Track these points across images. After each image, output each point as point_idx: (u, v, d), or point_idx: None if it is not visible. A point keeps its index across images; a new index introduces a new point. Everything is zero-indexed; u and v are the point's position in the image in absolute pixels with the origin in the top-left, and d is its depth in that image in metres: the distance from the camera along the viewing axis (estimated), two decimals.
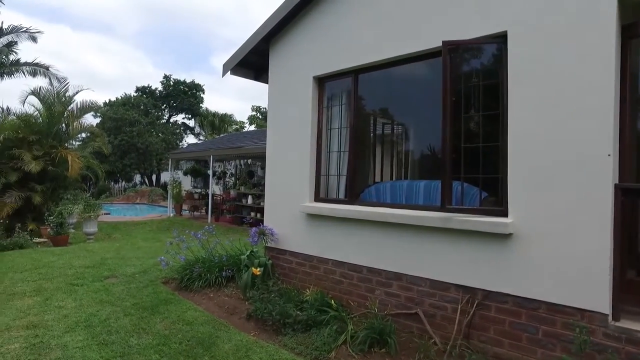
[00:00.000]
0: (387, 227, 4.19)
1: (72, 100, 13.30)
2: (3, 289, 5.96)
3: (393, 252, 4.15)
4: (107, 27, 71.61)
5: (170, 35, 72.17)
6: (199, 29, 73.66)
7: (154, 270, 6.87)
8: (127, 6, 71.28)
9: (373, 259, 4.34)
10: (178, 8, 71.11)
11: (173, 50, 73.77)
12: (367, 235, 4.41)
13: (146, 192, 26.04)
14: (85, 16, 70.13)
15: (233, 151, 14.50)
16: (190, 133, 38.82)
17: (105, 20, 70.47)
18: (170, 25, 71.22)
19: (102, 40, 71.13)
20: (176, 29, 72.13)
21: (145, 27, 70.60)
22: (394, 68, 4.52)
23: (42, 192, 11.67)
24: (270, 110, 5.93)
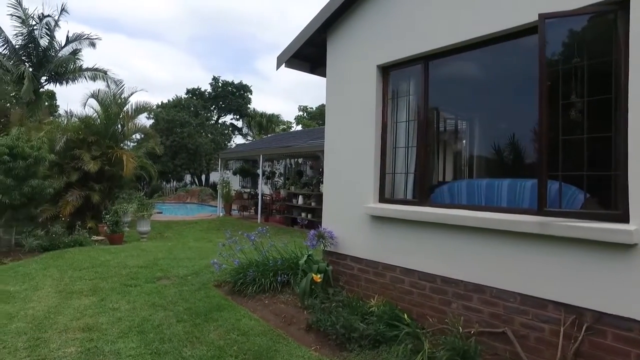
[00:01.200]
0: (466, 232, 3.67)
1: (127, 102, 13.63)
2: (63, 286, 5.98)
3: (473, 260, 3.61)
4: (159, 35, 74.67)
5: (217, 41, 74.14)
6: (243, 33, 75.11)
7: (206, 272, 6.69)
8: (178, 14, 73.80)
9: (449, 267, 3.82)
10: (224, 15, 73.02)
11: (220, 54, 75.68)
12: (441, 240, 3.90)
13: (196, 192, 26.56)
14: (139, 25, 73.46)
15: (283, 150, 14.29)
16: (238, 133, 39.41)
17: (157, 28, 73.58)
18: (217, 31, 73.19)
19: (154, 47, 74.19)
20: (222, 34, 73.98)
21: (194, 33, 72.88)
22: (472, 52, 3.97)
23: (100, 191, 11.97)
24: (329, 104, 5.53)
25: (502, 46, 3.77)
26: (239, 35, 74.65)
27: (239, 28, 75.17)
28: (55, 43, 19.30)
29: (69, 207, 11.12)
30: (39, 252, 8.42)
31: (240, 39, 74.72)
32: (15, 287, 6.02)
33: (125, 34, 71.55)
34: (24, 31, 18.43)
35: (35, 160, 8.56)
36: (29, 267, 7.06)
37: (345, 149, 5.17)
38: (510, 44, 3.68)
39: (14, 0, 17.85)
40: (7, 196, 8.25)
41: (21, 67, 18.03)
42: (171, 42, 73.55)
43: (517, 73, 4.25)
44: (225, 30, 73.68)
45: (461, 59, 4.18)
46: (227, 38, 74.26)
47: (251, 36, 75.86)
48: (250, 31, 75.65)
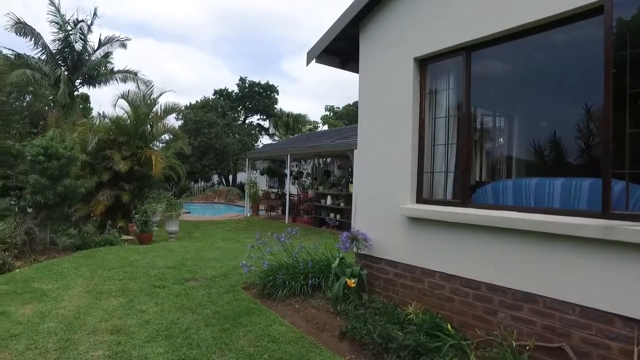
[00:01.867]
0: (514, 235, 3.37)
1: (157, 102, 13.78)
2: (93, 286, 5.97)
3: (523, 267, 3.31)
4: (187, 38, 76.11)
5: (243, 43, 74.97)
6: (269, 34, 75.58)
7: (234, 274, 6.57)
8: (205, 18, 75.02)
9: (495, 274, 3.53)
10: (250, 16, 73.60)
11: (246, 56, 76.51)
12: (486, 244, 3.60)
13: (223, 192, 26.75)
14: (168, 29, 74.99)
15: (311, 150, 14.12)
16: (265, 134, 39.56)
17: (185, 31, 75.03)
18: (243, 33, 74.02)
19: (182, 50, 75.57)
20: (249, 37, 74.71)
21: (220, 36, 73.94)
22: (520, 40, 3.65)
23: (129, 191, 12.11)
24: (362, 100, 5.30)
25: (556, 32, 3.45)
26: (265, 37, 75.33)
27: (265, 30, 75.82)
28: (88, 47, 19.81)
29: (100, 207, 11.28)
30: (72, 250, 8.52)
31: (266, 41, 75.41)
32: (48, 285, 6.05)
33: (154, 38, 73.24)
34: (60, 36, 18.98)
35: (69, 160, 8.68)
36: (61, 265, 7.12)
37: (379, 147, 4.92)
38: (567, 28, 3.35)
39: (53, 8, 18.43)
40: (42, 195, 8.40)
41: (57, 70, 18.57)
42: (198, 45, 74.88)
43: (572, 62, 3.91)
44: (251, 32, 74.52)
45: (509, 48, 3.87)
46: (253, 40, 75.15)
47: (277, 37, 76.44)
48: (277, 32, 76.21)
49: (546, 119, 4.53)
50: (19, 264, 7.41)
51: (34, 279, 6.39)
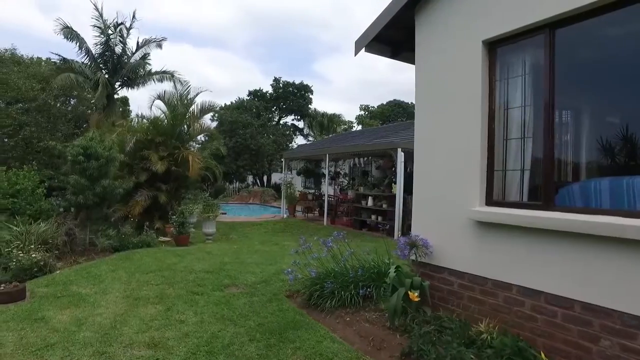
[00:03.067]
0: (620, 245, 2.77)
1: (193, 102, 13.65)
2: (130, 291, 5.74)
3: (636, 285, 2.71)
4: (222, 42, 77.20)
5: (275, 44, 75.25)
6: (300, 36, 75.56)
7: (276, 280, 6.19)
8: (238, 21, 75.74)
9: (594, 291, 2.94)
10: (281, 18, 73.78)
11: (279, 58, 76.86)
12: (580, 255, 3.03)
13: (258, 193, 26.65)
14: (203, 34, 76.36)
15: (351, 149, 13.62)
16: (299, 134, 39.40)
17: (219, 35, 76.13)
18: (275, 35, 74.14)
19: (217, 54, 76.76)
20: (280, 38, 74.87)
21: (253, 38, 74.41)
22: (618, 12, 3.05)
23: (166, 192, 12.02)
24: (420, 91, 4.78)
25: None
26: (296, 39, 75.45)
27: (296, 32, 75.90)
28: (127, 50, 20.13)
29: (138, 207, 11.22)
30: (110, 252, 8.40)
31: (298, 43, 75.49)
32: (86, 289, 5.87)
33: (190, 44, 74.73)
34: (102, 40, 19.37)
35: (107, 160, 8.58)
36: (99, 268, 6.96)
37: (441, 143, 4.39)
38: None
39: (97, 13, 18.85)
40: (82, 196, 8.33)
41: (98, 73, 18.94)
42: (232, 49, 75.91)
43: None
44: (282, 34, 74.62)
45: (600, 24, 3.26)
46: (284, 42, 75.25)
47: (310, 39, 76.33)
48: (309, 34, 76.05)
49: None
50: (59, 265, 7.31)
51: (73, 281, 6.23)
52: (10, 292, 5.51)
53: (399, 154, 10.85)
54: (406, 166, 11.19)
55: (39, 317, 4.84)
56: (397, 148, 10.96)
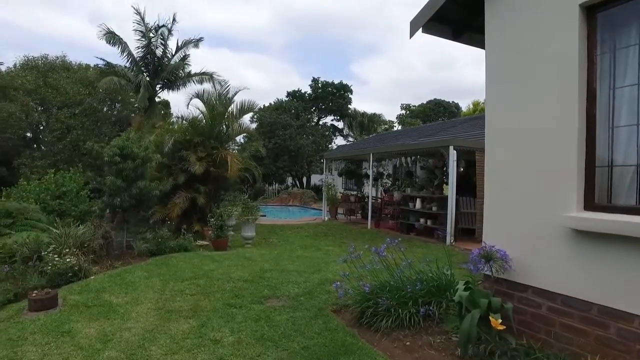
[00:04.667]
0: None
1: (232, 101, 13.30)
2: (163, 302, 5.27)
3: None
4: (259, 45, 78.18)
5: (311, 47, 75.51)
6: (336, 37, 75.23)
7: (321, 292, 5.55)
8: (275, 25, 76.11)
9: None
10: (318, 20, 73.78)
11: (315, 60, 77.19)
12: None
13: (298, 194, 26.20)
14: (240, 38, 77.76)
15: (397, 148, 12.76)
16: (339, 134, 38.71)
17: (256, 39, 77.28)
18: (311, 37, 74.40)
19: (254, 58, 77.71)
20: (317, 40, 75.02)
21: (289, 41, 74.83)
22: None
23: (205, 193, 11.68)
24: (492, 74, 3.99)
25: None
26: (333, 40, 75.15)
27: (333, 33, 75.59)
28: (167, 52, 20.26)
29: (176, 210, 10.93)
30: (147, 256, 8.07)
31: (334, 44, 75.27)
32: (118, 298, 5.47)
33: (228, 48, 75.95)
34: (143, 44, 19.59)
35: (143, 160, 8.26)
36: (134, 274, 6.58)
37: (523, 134, 3.58)
38: None
39: (139, 17, 19.10)
40: (118, 198, 8.05)
41: (140, 76, 19.15)
42: (269, 52, 76.66)
43: None
44: (319, 36, 74.78)
45: None
46: (321, 44, 75.37)
47: (345, 40, 75.74)
48: (345, 35, 75.27)
49: None
50: (95, 269, 7.04)
51: (106, 289, 5.86)
52: (42, 300, 5.26)
53: (451, 152, 9.93)
54: (458, 165, 10.25)
55: (66, 330, 4.48)
56: (449, 146, 10.03)
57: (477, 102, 35.54)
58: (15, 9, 57.18)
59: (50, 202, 11.95)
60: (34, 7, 56.64)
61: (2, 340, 4.27)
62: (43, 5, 58.08)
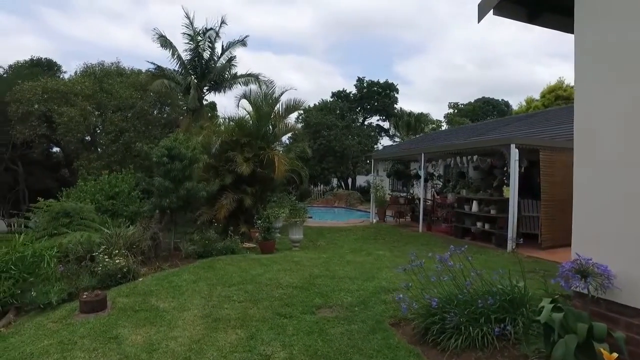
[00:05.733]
0: None
1: (278, 101, 13.08)
2: (210, 309, 5.04)
3: None
4: (302, 48, 78.96)
5: (354, 48, 75.02)
6: (379, 38, 74.14)
7: (377, 302, 5.12)
8: (318, 27, 76.31)
9: None
10: (362, 22, 73.06)
11: (358, 61, 76.90)
12: None
13: (344, 196, 25.76)
14: (284, 42, 78.46)
15: (450, 147, 12.05)
16: (385, 135, 37.92)
17: (300, 42, 77.84)
18: (355, 39, 73.79)
19: (298, 60, 78.22)
20: (359, 42, 74.37)
21: (333, 43, 74.70)
22: None
23: (251, 195, 11.51)
24: (587, 53, 3.38)
25: None
26: (376, 41, 74.24)
27: (376, 34, 74.63)
28: (214, 55, 20.50)
29: (223, 211, 10.82)
30: (194, 258, 7.97)
31: (378, 45, 74.32)
32: (165, 303, 5.31)
33: (272, 51, 76.87)
34: (191, 46, 19.92)
35: (190, 161, 8.17)
36: (181, 277, 6.43)
37: (627, 122, 2.97)
38: None
39: (188, 21, 19.48)
40: (166, 199, 7.99)
41: (188, 78, 19.50)
42: (313, 54, 77.03)
43: None
44: (362, 38, 74.07)
45: None
46: (364, 45, 74.58)
47: (389, 40, 74.53)
48: (387, 35, 74.03)
49: None
50: (144, 271, 6.99)
51: (153, 292, 5.74)
52: (91, 302, 5.26)
53: (513, 150, 9.13)
54: (520, 165, 9.43)
55: (113, 336, 4.37)
56: (510, 144, 9.24)
57: (530, 98, 33.69)
58: (79, 23, 61.55)
59: (104, 202, 12.24)
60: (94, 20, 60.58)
61: (54, 343, 4.27)
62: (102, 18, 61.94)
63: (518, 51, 73.37)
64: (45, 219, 8.72)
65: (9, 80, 20.70)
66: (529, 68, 66.70)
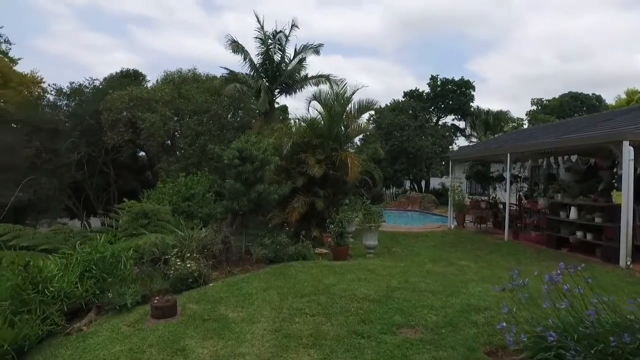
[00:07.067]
0: None
1: (350, 100, 12.57)
2: (280, 322, 4.67)
3: None
4: (371, 50, 78.80)
5: (425, 47, 72.80)
6: (450, 36, 71.37)
7: (466, 324, 4.44)
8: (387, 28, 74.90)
9: None
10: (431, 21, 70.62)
11: (428, 61, 74.75)
12: None
13: (417, 199, 24.63)
14: (353, 44, 78.53)
15: (544, 146, 10.58)
16: (460, 135, 35.93)
17: (368, 44, 77.86)
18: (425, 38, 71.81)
19: (367, 62, 77.59)
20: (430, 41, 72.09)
21: (403, 43, 73.36)
22: None
23: (323, 197, 11.11)
24: None
25: None
26: (447, 39, 71.26)
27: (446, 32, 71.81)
28: (285, 57, 20.55)
29: (295, 214, 10.52)
30: (265, 263, 7.69)
31: (448, 43, 71.42)
32: (234, 312, 5.04)
33: (341, 54, 76.81)
34: (262, 50, 20.17)
35: (262, 163, 7.92)
36: (251, 284, 6.14)
37: None
38: None
39: (258, 25, 19.77)
40: (237, 202, 7.82)
41: (259, 81, 19.73)
42: (382, 55, 76.12)
43: None
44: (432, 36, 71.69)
45: None
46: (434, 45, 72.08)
47: (460, 38, 71.20)
48: (459, 32, 70.89)
49: None
50: (215, 275, 6.83)
51: (222, 299, 5.49)
52: (162, 308, 5.15)
53: (626, 148, 7.76)
54: (635, 167, 8.02)
55: (181, 348, 4.18)
56: (622, 140, 7.86)
57: (632, 90, 30.10)
58: (161, 36, 66.82)
59: (181, 203, 12.57)
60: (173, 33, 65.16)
61: (125, 350, 4.20)
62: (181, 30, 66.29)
63: (610, 40, 66.36)
64: (127, 219, 8.99)
65: (103, 91, 22.50)
66: (626, 57, 59.88)
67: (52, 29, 60.27)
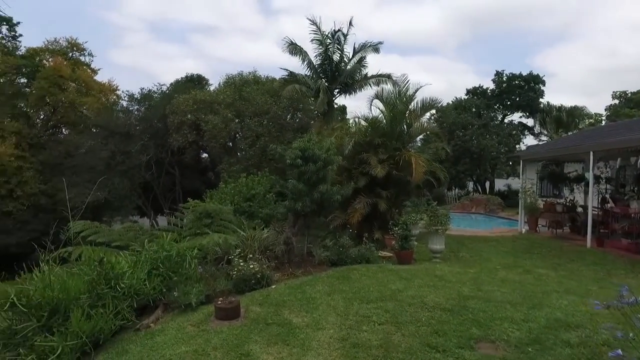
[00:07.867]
0: None
1: (413, 98, 12.10)
2: (347, 330, 4.43)
3: None
4: (430, 48, 77.41)
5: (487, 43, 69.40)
6: (513, 30, 67.10)
7: (556, 342, 3.96)
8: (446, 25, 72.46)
9: None
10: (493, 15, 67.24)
11: (491, 57, 71.55)
12: None
13: (482, 201, 23.36)
14: (411, 43, 76.92)
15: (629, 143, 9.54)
16: (529, 133, 33.63)
17: (428, 43, 76.33)
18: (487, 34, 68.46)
19: (426, 60, 75.57)
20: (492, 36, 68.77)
21: (464, 40, 70.63)
22: None
23: (386, 198, 10.73)
24: None
25: None
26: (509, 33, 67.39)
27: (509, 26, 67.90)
28: (344, 56, 20.29)
29: (357, 216, 10.23)
30: (327, 265, 7.49)
31: (511, 38, 67.29)
32: (298, 317, 4.86)
33: (398, 53, 75.30)
34: (320, 51, 20.07)
35: (325, 163, 7.73)
36: (314, 288, 5.95)
37: None
38: None
39: (315, 27, 19.71)
40: (300, 202, 7.68)
41: (318, 82, 19.64)
42: (442, 53, 73.79)
43: None
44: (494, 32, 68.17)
45: None
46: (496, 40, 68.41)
47: (524, 31, 66.96)
48: (523, 26, 66.64)
49: None
50: (277, 277, 6.73)
51: (286, 303, 5.34)
52: (226, 309, 5.09)
53: None
54: None
55: (245, 353, 4.06)
56: None
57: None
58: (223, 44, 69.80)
59: (242, 203, 12.73)
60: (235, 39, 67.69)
61: (190, 351, 4.17)
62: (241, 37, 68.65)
63: None
64: (191, 218, 9.18)
65: (169, 96, 23.67)
66: None
67: (125, 42, 64.88)
